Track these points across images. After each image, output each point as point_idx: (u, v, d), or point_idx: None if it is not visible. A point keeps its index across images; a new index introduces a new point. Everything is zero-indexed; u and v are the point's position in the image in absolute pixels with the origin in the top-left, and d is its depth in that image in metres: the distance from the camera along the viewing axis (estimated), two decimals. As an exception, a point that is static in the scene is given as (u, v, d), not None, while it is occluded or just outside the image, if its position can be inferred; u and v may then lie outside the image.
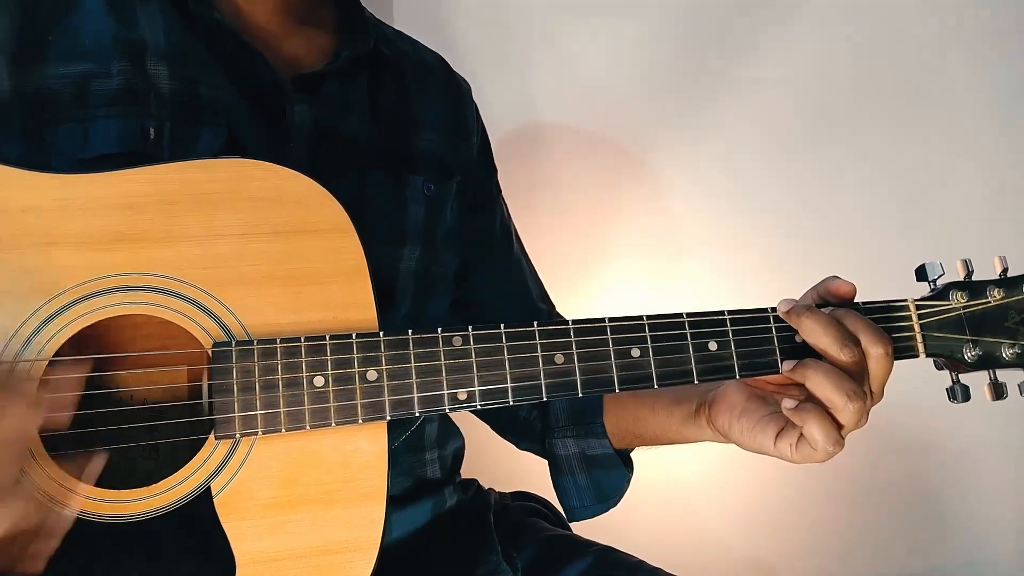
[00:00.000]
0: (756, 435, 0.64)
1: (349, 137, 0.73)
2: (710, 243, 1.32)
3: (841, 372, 0.59)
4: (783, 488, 1.35)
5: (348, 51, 0.74)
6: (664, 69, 1.30)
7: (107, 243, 0.56)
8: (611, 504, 0.81)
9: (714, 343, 0.62)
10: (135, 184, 0.57)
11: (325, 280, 0.59)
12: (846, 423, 0.59)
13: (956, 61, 1.34)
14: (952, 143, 1.34)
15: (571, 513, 0.82)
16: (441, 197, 0.79)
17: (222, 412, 0.55)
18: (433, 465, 0.80)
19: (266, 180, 0.59)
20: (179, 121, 0.65)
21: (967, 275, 0.68)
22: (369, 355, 0.57)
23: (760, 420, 0.64)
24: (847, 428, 0.60)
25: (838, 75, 1.32)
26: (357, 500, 0.57)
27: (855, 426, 0.60)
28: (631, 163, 1.31)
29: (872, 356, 0.60)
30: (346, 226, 0.60)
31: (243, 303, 0.57)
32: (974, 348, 0.66)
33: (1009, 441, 1.37)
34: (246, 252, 0.58)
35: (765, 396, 0.66)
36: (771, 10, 1.30)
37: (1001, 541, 1.40)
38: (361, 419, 0.57)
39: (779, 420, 0.63)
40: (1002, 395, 0.67)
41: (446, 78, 0.87)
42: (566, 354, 0.60)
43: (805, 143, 1.33)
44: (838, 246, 1.32)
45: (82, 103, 0.63)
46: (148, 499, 0.54)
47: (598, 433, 0.79)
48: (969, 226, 1.32)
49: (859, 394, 0.58)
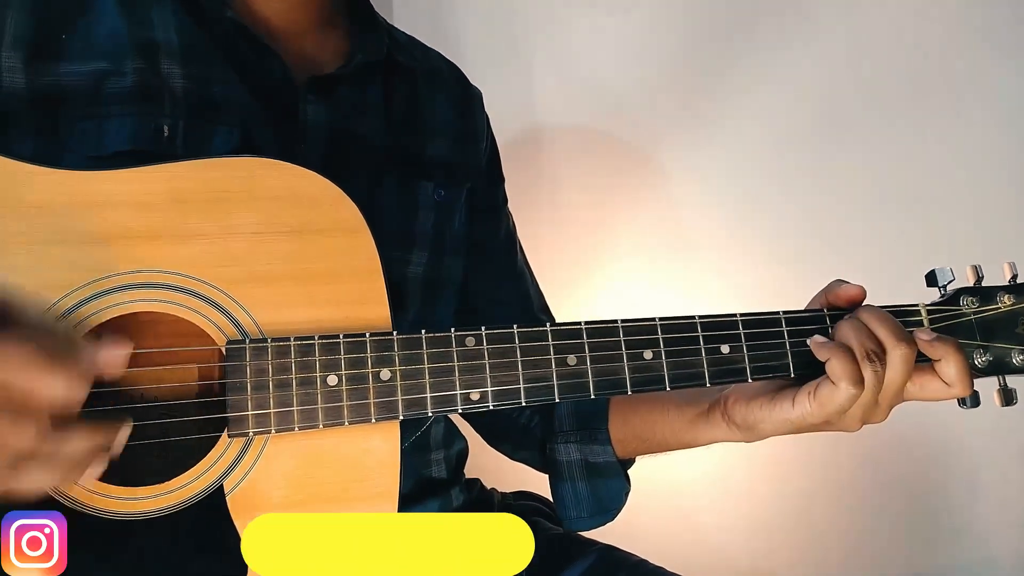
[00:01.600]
0: (774, 404, 0.63)
1: (362, 140, 0.73)
2: (713, 243, 1.32)
3: (885, 313, 0.62)
4: (784, 490, 1.36)
5: (362, 54, 0.74)
6: (666, 69, 1.30)
7: (121, 240, 0.56)
8: (609, 517, 0.79)
9: (726, 346, 0.62)
10: (150, 182, 0.57)
11: (339, 279, 0.59)
12: (893, 374, 0.60)
13: (961, 62, 1.34)
14: (958, 144, 1.35)
15: (568, 523, 0.80)
16: (451, 203, 0.79)
17: (235, 410, 0.55)
18: (439, 465, 0.80)
19: (281, 179, 0.59)
20: (193, 120, 0.65)
21: (977, 281, 0.68)
22: (383, 355, 0.57)
23: (777, 392, 0.64)
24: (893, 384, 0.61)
25: (842, 75, 1.33)
26: (369, 499, 0.57)
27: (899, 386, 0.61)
28: (633, 163, 1.31)
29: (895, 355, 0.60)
30: (360, 226, 0.60)
31: (257, 301, 0.57)
32: (985, 354, 0.66)
33: (1010, 443, 1.37)
34: (260, 250, 0.58)
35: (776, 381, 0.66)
36: (773, 10, 1.31)
37: (1002, 543, 1.40)
38: (374, 418, 0.57)
39: (792, 389, 0.63)
40: (1012, 401, 0.67)
41: (458, 85, 0.87)
42: (578, 356, 0.60)
43: (808, 142, 1.33)
44: (841, 246, 1.32)
45: (97, 101, 0.63)
46: (160, 496, 0.54)
47: (602, 439, 0.78)
48: (976, 229, 1.32)
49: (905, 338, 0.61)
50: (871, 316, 0.62)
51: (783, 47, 1.31)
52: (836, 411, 0.60)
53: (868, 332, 0.61)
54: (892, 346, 0.60)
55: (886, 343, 0.60)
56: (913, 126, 1.34)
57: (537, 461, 0.85)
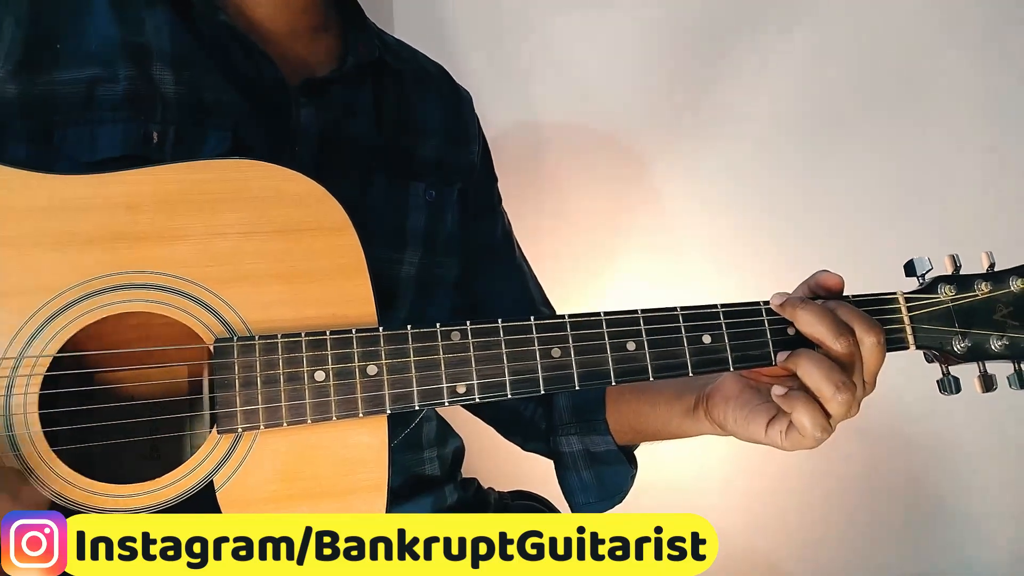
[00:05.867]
0: (748, 423, 0.65)
1: (353, 142, 0.74)
2: (710, 243, 1.32)
3: (832, 362, 0.60)
4: (783, 487, 1.36)
5: (353, 57, 0.75)
6: (663, 70, 1.30)
7: (109, 242, 0.57)
8: (617, 500, 0.82)
9: (708, 336, 0.63)
10: (137, 184, 0.58)
11: (325, 277, 0.60)
12: (835, 412, 0.60)
13: (955, 61, 1.35)
14: (946, 142, 1.36)
15: (577, 508, 0.83)
16: (442, 203, 0.80)
17: (224, 407, 0.56)
18: (432, 464, 0.80)
19: (266, 180, 0.60)
20: (184, 125, 0.66)
21: (955, 270, 0.69)
22: (369, 349, 0.58)
23: (753, 409, 0.65)
24: (836, 417, 0.61)
25: (838, 75, 1.33)
26: (359, 492, 0.57)
27: (844, 415, 0.61)
28: (631, 164, 1.32)
29: (865, 345, 0.61)
30: (345, 224, 0.61)
31: (244, 300, 0.58)
32: (963, 340, 0.67)
33: (1009, 442, 1.38)
34: (247, 250, 0.59)
35: (759, 387, 0.67)
36: (770, 10, 1.32)
37: (1001, 542, 1.40)
38: (362, 412, 0.57)
39: (770, 409, 0.64)
40: (992, 387, 0.68)
41: (447, 87, 0.88)
42: (563, 348, 0.61)
43: (804, 142, 1.33)
44: (838, 244, 1.32)
45: (89, 107, 0.63)
46: (151, 493, 0.55)
47: (601, 430, 0.80)
48: (962, 223, 1.33)
49: (848, 384, 0.60)
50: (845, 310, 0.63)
51: (781, 48, 1.32)
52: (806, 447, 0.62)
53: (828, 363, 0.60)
54: (863, 333, 0.61)
55: (858, 332, 0.61)
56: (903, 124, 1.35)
57: (546, 451, 0.87)
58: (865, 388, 0.62)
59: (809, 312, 0.62)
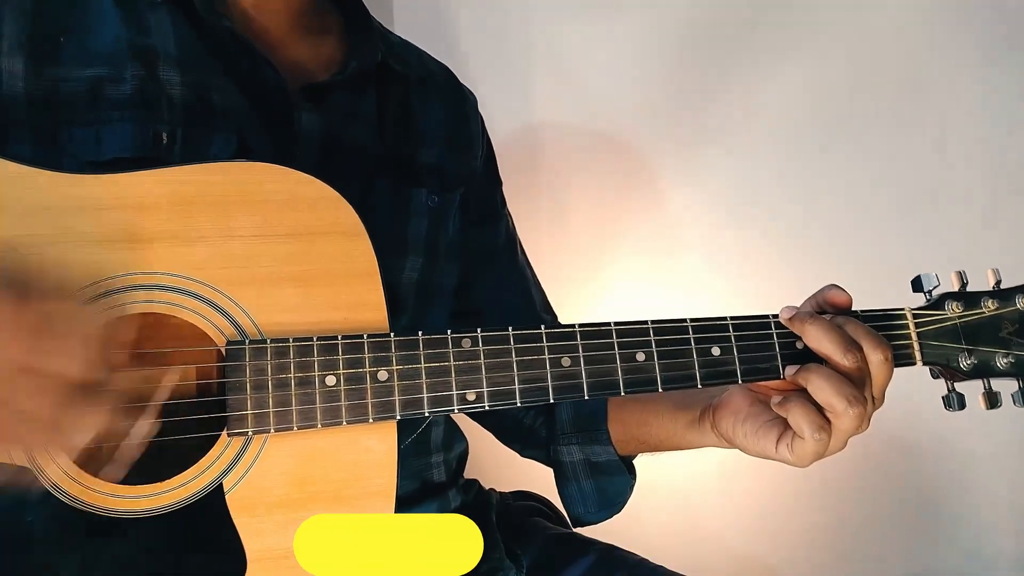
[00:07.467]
0: (759, 439, 0.65)
1: (355, 147, 0.74)
2: (711, 245, 1.33)
3: (842, 377, 0.61)
4: (783, 489, 1.36)
5: (356, 62, 0.75)
6: (665, 71, 1.31)
7: (122, 243, 0.57)
8: (616, 510, 0.82)
9: (717, 348, 0.63)
10: (150, 185, 0.58)
11: (337, 282, 0.60)
12: (846, 427, 0.60)
13: (956, 65, 1.36)
14: (950, 148, 1.36)
15: (577, 520, 0.83)
16: (444, 209, 0.80)
17: (235, 409, 0.56)
18: (439, 468, 0.80)
19: (280, 183, 0.60)
20: (191, 127, 0.65)
21: (962, 286, 0.70)
22: (380, 355, 0.58)
23: (763, 425, 0.65)
24: (848, 432, 0.61)
25: (839, 78, 1.34)
26: (367, 498, 0.58)
27: (855, 430, 0.61)
28: (632, 166, 1.32)
29: (873, 361, 0.62)
30: (358, 229, 0.61)
31: (256, 303, 0.58)
32: (969, 357, 0.68)
33: (1008, 443, 1.38)
34: (260, 253, 0.59)
35: (768, 402, 0.67)
36: (771, 13, 1.32)
37: (1000, 543, 1.41)
38: (372, 418, 0.58)
39: (781, 425, 0.64)
40: (996, 404, 0.68)
41: (452, 90, 0.88)
42: (572, 357, 0.61)
43: (806, 146, 1.34)
44: (838, 250, 1.33)
45: (95, 107, 0.63)
46: (160, 495, 0.55)
47: (603, 440, 0.80)
48: (965, 232, 1.34)
49: (859, 399, 0.60)
50: (853, 326, 0.64)
51: (781, 51, 1.32)
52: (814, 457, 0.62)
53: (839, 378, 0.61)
54: (871, 350, 0.62)
55: (866, 349, 0.62)
56: (907, 129, 1.35)
57: (544, 460, 0.87)
58: (874, 403, 0.63)
59: (818, 327, 0.62)
